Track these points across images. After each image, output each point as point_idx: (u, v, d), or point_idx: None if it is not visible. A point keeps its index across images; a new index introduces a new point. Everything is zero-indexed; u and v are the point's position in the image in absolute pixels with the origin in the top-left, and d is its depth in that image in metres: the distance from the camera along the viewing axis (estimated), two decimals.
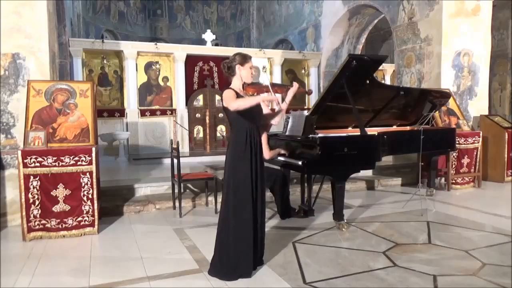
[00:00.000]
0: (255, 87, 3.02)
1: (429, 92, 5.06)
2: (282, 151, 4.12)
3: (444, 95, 5.26)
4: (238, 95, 2.81)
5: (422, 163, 5.23)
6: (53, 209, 3.72)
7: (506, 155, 6.23)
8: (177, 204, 4.55)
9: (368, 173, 6.26)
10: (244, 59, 2.89)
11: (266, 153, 3.86)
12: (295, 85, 3.14)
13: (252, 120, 2.85)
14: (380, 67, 8.36)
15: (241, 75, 2.88)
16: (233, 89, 2.84)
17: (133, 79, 8.36)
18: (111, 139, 7.77)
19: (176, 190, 4.54)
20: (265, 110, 3.10)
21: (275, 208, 4.44)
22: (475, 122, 6.75)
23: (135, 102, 8.39)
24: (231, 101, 2.74)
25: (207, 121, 8.71)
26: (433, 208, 4.65)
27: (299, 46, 11.26)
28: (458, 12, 6.49)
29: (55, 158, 3.70)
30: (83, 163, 3.78)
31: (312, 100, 9.89)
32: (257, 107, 2.91)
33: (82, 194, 3.80)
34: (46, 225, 3.72)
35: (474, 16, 6.62)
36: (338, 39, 9.95)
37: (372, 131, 4.24)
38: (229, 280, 2.72)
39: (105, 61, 8.27)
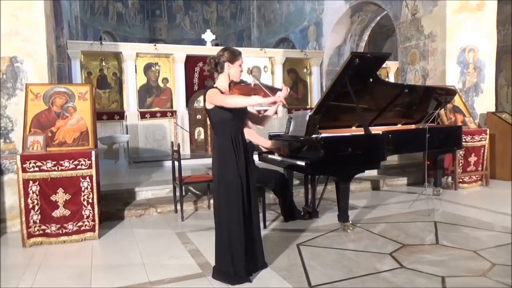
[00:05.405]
0: (243, 88, 2.78)
1: (434, 89, 4.99)
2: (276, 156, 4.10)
3: (450, 92, 5.18)
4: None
5: (428, 162, 5.16)
6: (53, 214, 3.68)
7: None
8: (178, 207, 4.49)
9: (373, 173, 6.18)
10: (234, 56, 2.69)
11: (265, 142, 3.87)
12: (285, 88, 2.75)
13: (236, 124, 2.69)
14: (384, 65, 8.28)
15: (229, 74, 2.70)
16: (217, 88, 2.65)
17: (133, 81, 8.32)
18: (110, 142, 7.73)
19: (178, 193, 4.48)
20: (252, 110, 2.95)
21: (279, 210, 4.38)
22: (481, 120, 6.66)
23: (134, 104, 8.35)
24: (224, 98, 2.56)
25: (208, 122, 8.66)
26: (440, 208, 4.58)
27: (300, 45, 11.18)
28: (462, 8, 6.41)
29: (54, 162, 3.65)
30: (83, 167, 3.73)
31: (314, 99, 9.83)
32: (243, 109, 2.73)
33: (82, 198, 3.75)
34: (46, 231, 3.67)
35: (479, 12, 6.53)
36: (340, 37, 9.88)
37: (376, 130, 4.17)
38: (232, 283, 2.65)
39: (103, 63, 8.23)
